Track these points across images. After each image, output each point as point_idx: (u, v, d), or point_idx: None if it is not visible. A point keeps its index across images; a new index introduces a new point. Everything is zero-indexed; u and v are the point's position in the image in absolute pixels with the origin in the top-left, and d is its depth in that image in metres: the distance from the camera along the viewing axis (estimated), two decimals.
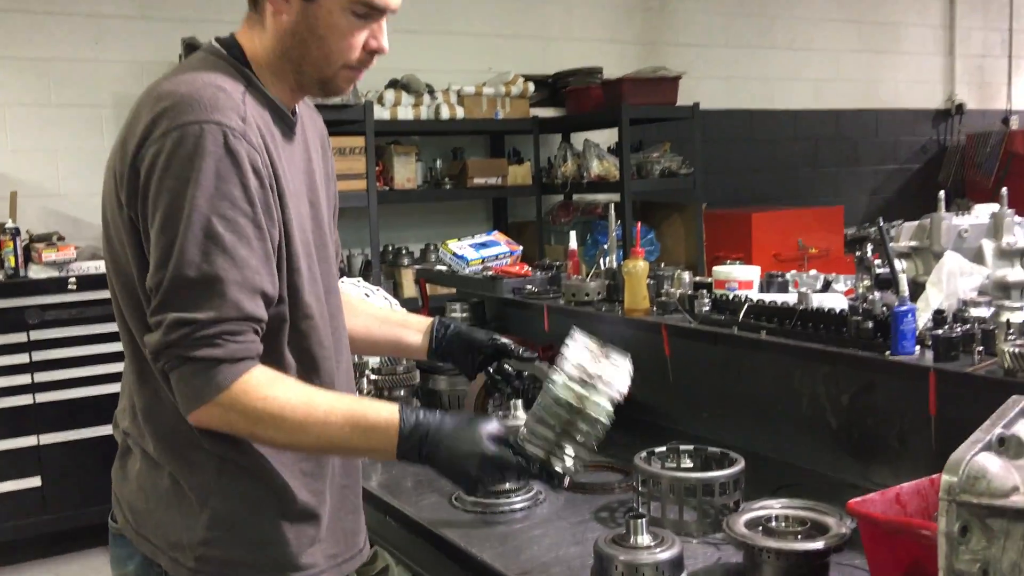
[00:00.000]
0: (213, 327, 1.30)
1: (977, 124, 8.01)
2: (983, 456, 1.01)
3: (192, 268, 1.29)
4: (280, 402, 1.34)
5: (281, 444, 1.39)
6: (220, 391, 1.31)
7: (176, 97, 1.33)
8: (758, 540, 1.52)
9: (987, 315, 1.81)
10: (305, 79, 1.47)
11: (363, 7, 1.41)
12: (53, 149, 4.77)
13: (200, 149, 1.29)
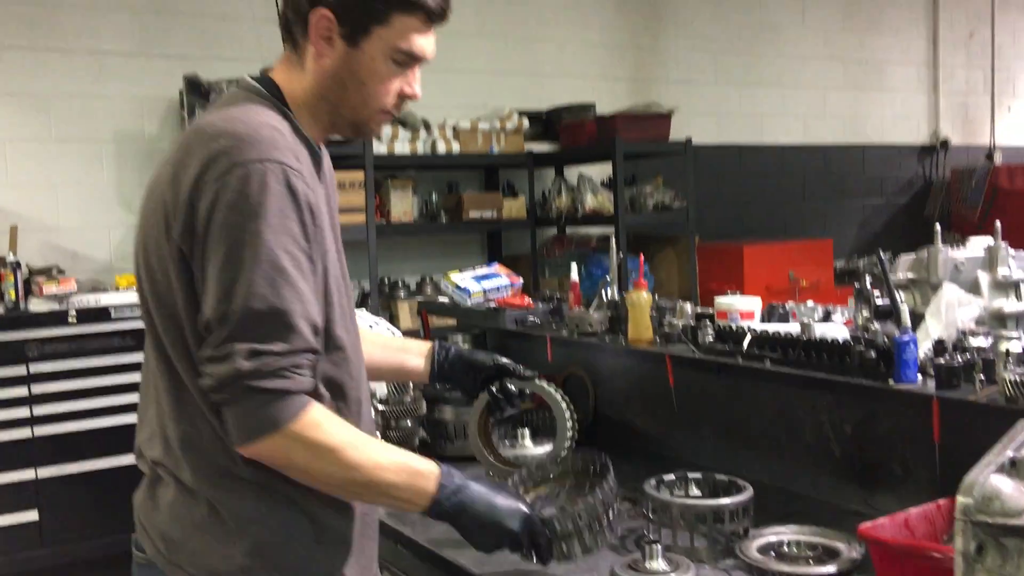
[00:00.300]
0: (284, 359, 1.34)
1: (962, 159, 8.15)
2: (996, 478, 1.06)
3: (261, 301, 1.33)
4: (339, 438, 1.39)
5: (334, 480, 1.41)
6: (286, 423, 1.35)
7: (235, 135, 1.37)
8: (772, 565, 1.56)
9: (986, 345, 1.86)
10: (340, 120, 1.53)
11: (403, 55, 1.48)
12: (53, 183, 4.81)
13: (265, 186, 1.34)
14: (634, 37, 6.65)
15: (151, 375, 1.51)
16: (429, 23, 1.51)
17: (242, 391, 1.33)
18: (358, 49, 1.46)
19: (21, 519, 4.13)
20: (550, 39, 6.27)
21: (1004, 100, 8.63)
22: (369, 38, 1.47)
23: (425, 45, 1.51)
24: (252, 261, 1.33)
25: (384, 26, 1.46)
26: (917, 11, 8.04)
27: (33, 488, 4.16)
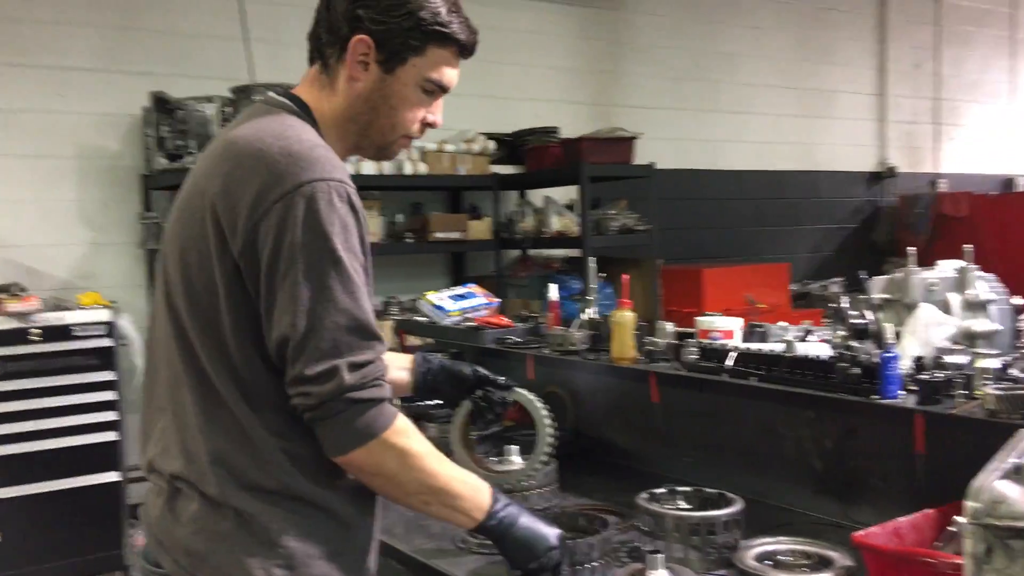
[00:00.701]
0: (377, 369, 1.40)
1: (908, 186, 8.40)
2: (1002, 483, 1.12)
3: (348, 316, 1.38)
4: (422, 445, 1.46)
5: (413, 487, 1.46)
6: (383, 430, 1.41)
7: (292, 155, 1.40)
8: (769, 573, 1.61)
9: (964, 362, 1.95)
10: (366, 143, 1.58)
11: (433, 85, 1.55)
12: (13, 200, 4.73)
13: (332, 204, 1.38)
14: (596, 62, 6.76)
15: (170, 389, 1.50)
16: (459, 56, 1.58)
17: (345, 404, 1.37)
18: (392, 76, 1.52)
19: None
20: (515, 63, 6.35)
21: (948, 129, 8.93)
22: (404, 66, 1.53)
23: (453, 77, 1.58)
24: (333, 278, 1.37)
25: (419, 56, 1.53)
26: (866, 43, 8.30)
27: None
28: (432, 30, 1.52)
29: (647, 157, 5.82)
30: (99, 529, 4.24)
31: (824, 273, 7.79)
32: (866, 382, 1.95)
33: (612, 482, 2.47)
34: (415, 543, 2.11)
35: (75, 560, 4.19)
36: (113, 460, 4.30)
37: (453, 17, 1.55)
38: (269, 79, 5.12)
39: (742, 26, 7.47)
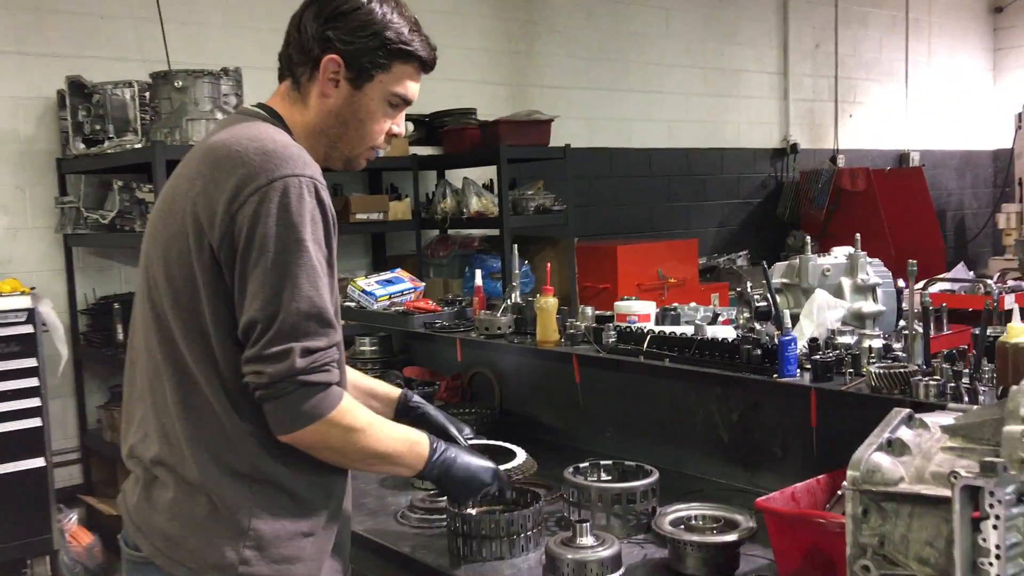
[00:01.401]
0: (327, 354, 1.52)
1: (809, 162, 8.79)
2: (877, 455, 1.32)
3: (308, 303, 1.49)
4: (363, 420, 1.60)
5: (358, 455, 1.62)
6: (331, 410, 1.53)
7: (267, 152, 1.52)
8: (683, 535, 1.81)
9: (852, 342, 2.17)
10: (335, 154, 1.71)
11: (397, 98, 1.68)
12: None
13: (302, 198, 1.50)
14: (511, 43, 6.88)
15: (149, 378, 1.62)
16: (421, 71, 1.72)
17: (294, 386, 1.49)
18: (361, 92, 1.65)
19: None
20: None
21: (846, 107, 9.34)
22: (372, 82, 1.66)
23: (416, 90, 1.72)
24: (297, 267, 1.49)
25: (386, 72, 1.66)
26: (769, 23, 8.60)
27: None
28: (396, 48, 1.65)
29: (562, 136, 5.98)
30: (27, 514, 4.24)
31: (731, 247, 8.13)
32: (767, 362, 2.17)
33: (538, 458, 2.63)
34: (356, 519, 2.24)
35: (4, 546, 4.19)
36: (38, 445, 4.29)
37: (415, 36, 1.68)
38: (185, 61, 5.12)
39: (651, 7, 7.68)
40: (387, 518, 2.25)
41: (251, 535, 1.56)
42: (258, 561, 1.56)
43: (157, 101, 4.40)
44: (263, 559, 1.56)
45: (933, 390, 1.83)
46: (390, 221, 5.63)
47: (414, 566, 2.02)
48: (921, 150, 9.98)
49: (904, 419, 1.40)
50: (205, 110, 4.31)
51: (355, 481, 2.49)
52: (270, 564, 1.57)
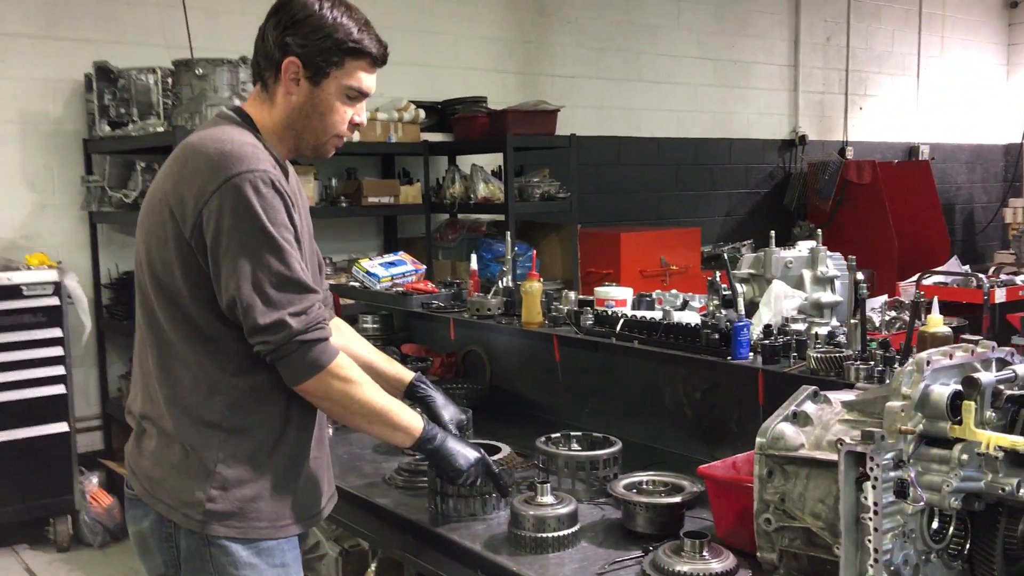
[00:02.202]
0: (316, 315, 1.78)
1: (817, 154, 8.92)
2: (782, 425, 1.53)
3: (278, 277, 1.74)
4: (360, 374, 1.84)
5: (356, 407, 1.85)
6: (327, 364, 1.78)
7: (224, 153, 1.76)
8: (632, 497, 2.02)
9: (802, 329, 2.37)
10: (303, 144, 1.93)
11: (353, 91, 1.90)
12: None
13: (257, 190, 1.74)
14: (523, 33, 7.07)
15: (139, 346, 1.91)
16: (373, 65, 1.93)
17: (296, 346, 1.75)
18: (319, 88, 1.88)
19: None
20: (445, 33, 6.63)
21: (856, 100, 9.46)
22: (328, 79, 1.88)
23: (370, 83, 1.93)
24: (264, 248, 1.74)
25: (339, 69, 1.88)
26: (781, 16, 8.73)
27: None
28: (347, 47, 1.87)
29: (571, 125, 6.17)
30: (50, 476, 4.52)
31: (738, 236, 8.29)
32: (723, 345, 2.37)
33: (521, 429, 2.85)
34: (349, 480, 2.48)
35: (28, 505, 4.46)
36: (62, 412, 4.57)
37: (364, 35, 1.89)
38: (207, 47, 5.35)
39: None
40: (376, 479, 2.48)
41: (216, 477, 1.82)
42: (222, 499, 1.81)
43: (179, 87, 4.63)
44: (226, 497, 1.82)
45: (863, 373, 2.03)
46: (401, 205, 5.85)
47: (398, 521, 2.24)
48: (931, 143, 10.09)
49: (810, 395, 1.60)
50: (224, 96, 4.54)
51: (351, 447, 2.76)
52: (232, 502, 1.82)
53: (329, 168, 5.87)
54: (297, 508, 1.91)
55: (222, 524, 1.81)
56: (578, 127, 6.28)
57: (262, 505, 1.85)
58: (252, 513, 1.84)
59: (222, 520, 1.81)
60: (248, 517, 1.83)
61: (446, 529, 2.12)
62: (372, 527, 2.33)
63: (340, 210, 5.69)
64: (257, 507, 1.84)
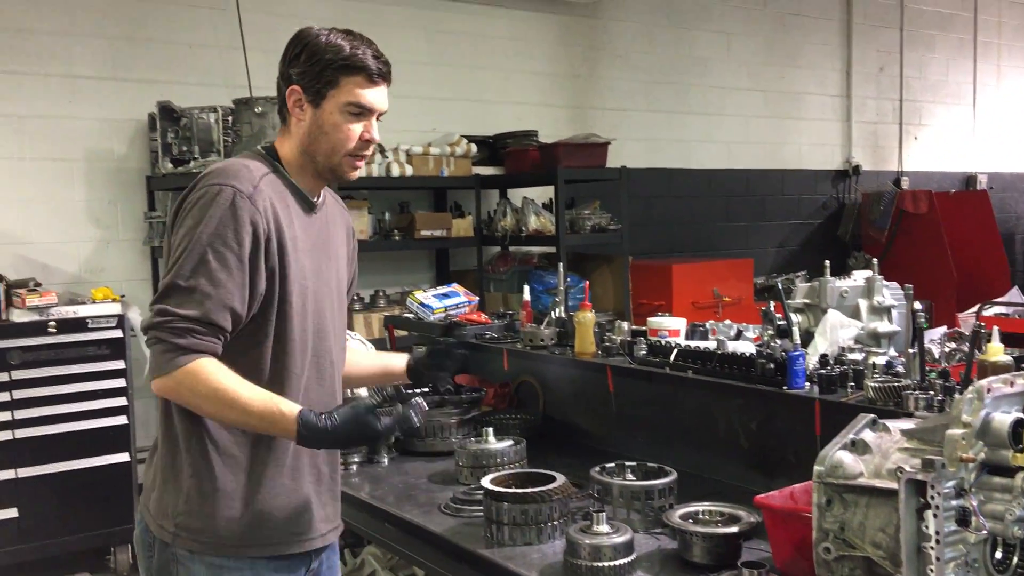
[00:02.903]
0: (184, 323, 1.80)
1: (872, 184, 8.83)
2: (840, 452, 1.53)
3: (182, 279, 1.81)
4: (217, 385, 1.80)
5: (213, 416, 1.86)
6: (176, 368, 1.79)
7: (216, 169, 1.91)
8: (689, 527, 2.02)
9: (859, 359, 2.35)
10: (320, 168, 1.99)
11: (355, 107, 1.95)
12: (27, 200, 5.06)
13: (214, 201, 1.83)
14: (573, 67, 7.14)
15: None
16: (371, 80, 1.97)
17: (153, 339, 1.82)
18: (320, 109, 1.95)
19: (1, 516, 4.40)
20: (496, 68, 6.73)
21: (911, 129, 9.36)
22: (327, 99, 1.95)
23: (372, 98, 1.97)
24: (189, 250, 1.82)
25: (335, 88, 1.94)
26: (832, 47, 8.70)
27: (13, 487, 4.43)
28: (338, 64, 1.93)
29: (621, 158, 6.20)
30: (110, 506, 4.61)
31: (791, 267, 8.22)
32: (779, 375, 2.36)
33: (575, 459, 2.85)
34: (404, 508, 2.51)
35: (88, 534, 4.56)
36: (123, 442, 4.67)
37: (355, 51, 1.94)
38: (265, 87, 5.49)
39: (712, 31, 7.86)
40: (431, 508, 2.50)
41: (183, 488, 1.89)
42: (188, 514, 1.89)
43: (238, 125, 4.77)
44: (194, 513, 1.89)
45: (922, 403, 2.00)
46: (453, 238, 5.92)
47: (453, 549, 2.26)
48: (989, 173, 9.93)
49: (868, 423, 1.59)
50: None
51: (406, 477, 2.79)
52: (198, 518, 1.88)
53: (382, 202, 5.97)
54: (265, 533, 1.94)
55: (188, 538, 1.88)
56: (628, 159, 6.31)
57: (224, 525, 1.90)
58: (214, 531, 1.90)
59: (189, 534, 1.88)
60: (212, 534, 1.90)
61: (501, 557, 2.13)
62: (427, 555, 2.35)
63: (393, 243, 5.78)
64: (216, 526, 1.90)
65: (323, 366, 2.05)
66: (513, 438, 2.71)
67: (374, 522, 2.55)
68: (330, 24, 2.02)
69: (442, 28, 6.48)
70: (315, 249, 2.01)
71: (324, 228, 2.05)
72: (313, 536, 2.02)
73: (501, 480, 2.32)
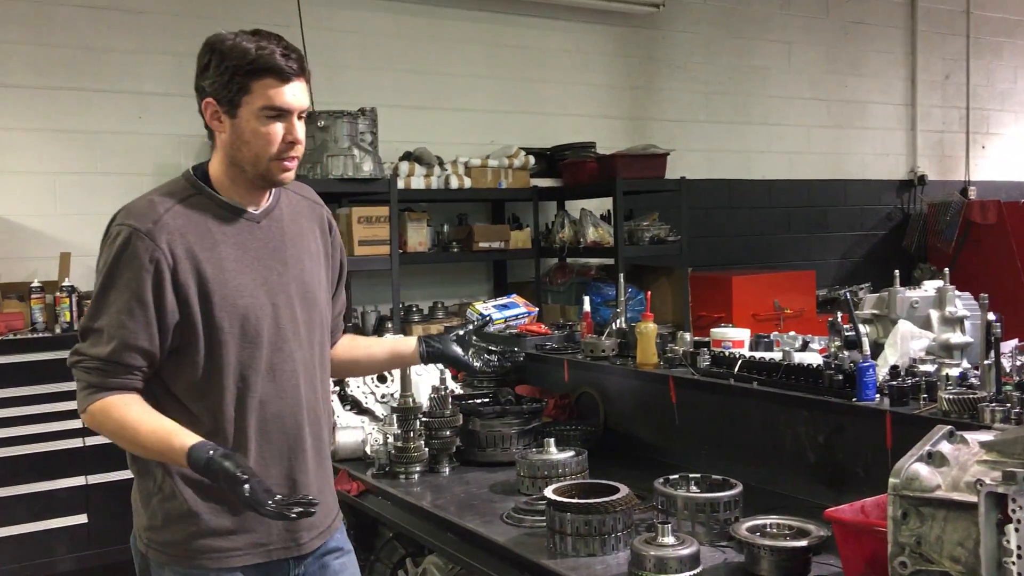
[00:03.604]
0: (91, 362, 1.88)
1: (938, 194, 8.64)
2: (916, 465, 1.49)
3: (92, 321, 1.89)
4: (121, 421, 1.88)
5: (125, 446, 1.95)
6: (90, 404, 1.90)
7: (122, 208, 1.94)
8: (757, 540, 1.98)
9: (931, 370, 2.29)
10: (250, 175, 1.96)
11: (270, 110, 1.90)
12: (99, 214, 5.10)
13: (113, 244, 1.88)
14: (631, 79, 7.12)
15: None
16: (283, 79, 1.89)
17: (74, 376, 1.93)
18: (237, 118, 1.91)
19: (72, 522, 4.51)
20: (554, 80, 6.74)
21: (979, 138, 9.14)
22: (241, 107, 1.91)
23: (287, 97, 1.90)
24: (96, 294, 1.91)
25: (248, 94, 1.90)
26: (896, 55, 8.55)
27: (83, 494, 4.54)
28: (247, 70, 1.87)
29: (680, 169, 6.16)
30: None
31: (855, 279, 8.07)
32: (848, 387, 2.31)
33: (637, 471, 2.83)
34: (466, 518, 2.50)
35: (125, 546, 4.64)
36: None
37: (262, 52, 1.87)
38: (327, 100, 5.58)
39: (773, 41, 7.78)
40: (493, 518, 2.49)
41: (152, 510, 1.96)
42: (157, 530, 1.95)
43: None
44: (161, 528, 1.95)
45: (999, 415, 1.94)
46: (511, 249, 5.93)
47: (515, 559, 2.25)
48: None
49: (945, 435, 1.55)
50: (344, 147, 4.72)
51: (467, 487, 2.79)
52: (166, 532, 1.94)
53: (441, 214, 6.01)
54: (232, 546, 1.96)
55: (158, 550, 1.95)
56: (687, 170, 6.27)
57: (189, 539, 1.93)
58: (181, 544, 1.93)
59: (159, 547, 1.95)
60: (178, 547, 1.94)
61: (564, 568, 2.11)
62: (489, 565, 2.34)
63: (451, 255, 5.81)
64: (182, 539, 1.93)
65: (282, 378, 2.01)
66: (574, 449, 2.70)
67: (436, 531, 2.56)
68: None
69: (501, 41, 6.51)
70: (261, 260, 1.99)
71: (276, 234, 2.02)
72: (287, 545, 2.04)
73: (563, 491, 2.30)
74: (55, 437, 4.46)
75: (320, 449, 2.12)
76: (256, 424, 1.97)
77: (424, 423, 2.92)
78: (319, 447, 2.11)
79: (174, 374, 1.94)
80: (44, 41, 5.11)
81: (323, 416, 2.14)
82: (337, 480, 2.99)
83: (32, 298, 4.65)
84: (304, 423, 2.05)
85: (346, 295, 2.33)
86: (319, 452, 2.11)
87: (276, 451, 2.00)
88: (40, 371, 4.40)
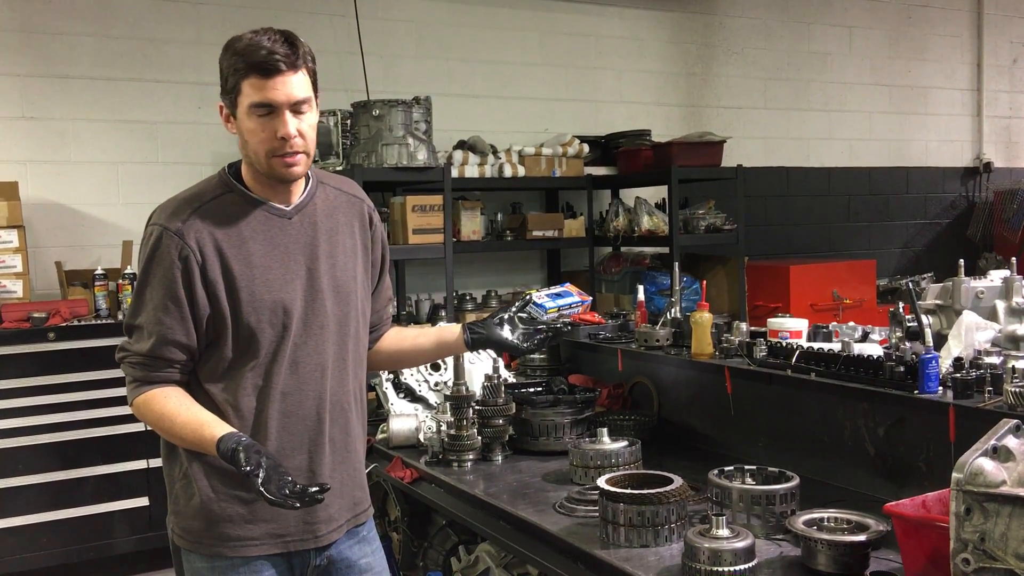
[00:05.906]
0: (135, 358, 1.99)
1: (1005, 181, 8.41)
2: (981, 459, 1.44)
3: (132, 318, 2.01)
4: (160, 412, 1.96)
5: (164, 432, 1.99)
6: (135, 397, 2.00)
7: (157, 207, 2.03)
8: (814, 534, 1.94)
9: (997, 362, 2.23)
10: (260, 171, 2.00)
11: (259, 107, 1.92)
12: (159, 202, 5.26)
13: (148, 243, 1.98)
14: (687, 66, 7.04)
15: None
16: (266, 75, 1.90)
17: (122, 370, 2.04)
18: (238, 119, 1.97)
19: (134, 504, 4.63)
20: (608, 68, 6.69)
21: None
22: (238, 107, 1.96)
23: (271, 93, 1.91)
24: (135, 292, 2.01)
25: (240, 94, 1.94)
26: (961, 39, 8.33)
27: (144, 477, 4.65)
28: (234, 71, 1.92)
29: (737, 156, 6.07)
30: None
31: (917, 269, 7.90)
32: (909, 379, 2.26)
33: (691, 462, 2.81)
34: (519, 507, 2.50)
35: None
36: None
37: (247, 51, 1.90)
38: (382, 91, 5.61)
39: (833, 25, 7.63)
40: (546, 507, 2.49)
41: (175, 495, 2.05)
42: (180, 515, 2.03)
43: (357, 128, 4.87)
44: (184, 514, 2.03)
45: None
46: (564, 238, 5.91)
47: (568, 549, 2.24)
48: None
49: (1011, 429, 1.50)
50: (398, 136, 4.74)
51: (520, 475, 2.78)
52: (187, 519, 2.01)
53: (495, 203, 6.01)
54: (249, 535, 2.01)
55: (184, 536, 2.03)
56: (744, 158, 6.18)
57: (211, 526, 1.99)
58: (205, 531, 1.99)
59: (185, 533, 2.02)
60: (201, 534, 2.00)
61: (617, 558, 2.10)
62: (542, 554, 2.33)
63: (505, 244, 5.81)
64: (205, 526, 1.99)
65: (304, 371, 2.05)
66: (628, 439, 2.68)
67: (489, 519, 2.56)
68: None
69: (555, 29, 6.48)
70: (290, 255, 2.03)
71: (309, 229, 2.06)
72: (305, 537, 2.07)
73: (616, 481, 2.29)
74: (117, 421, 4.57)
75: (346, 443, 2.14)
76: (277, 416, 2.02)
77: (477, 411, 2.92)
78: (345, 440, 2.13)
79: (203, 365, 2.02)
80: (107, 33, 5.21)
81: (352, 410, 2.16)
82: (391, 467, 3.02)
83: (96, 285, 4.76)
84: (326, 416, 2.08)
85: (397, 284, 2.38)
86: (345, 446, 2.13)
87: (296, 443, 2.04)
88: (103, 356, 4.50)
